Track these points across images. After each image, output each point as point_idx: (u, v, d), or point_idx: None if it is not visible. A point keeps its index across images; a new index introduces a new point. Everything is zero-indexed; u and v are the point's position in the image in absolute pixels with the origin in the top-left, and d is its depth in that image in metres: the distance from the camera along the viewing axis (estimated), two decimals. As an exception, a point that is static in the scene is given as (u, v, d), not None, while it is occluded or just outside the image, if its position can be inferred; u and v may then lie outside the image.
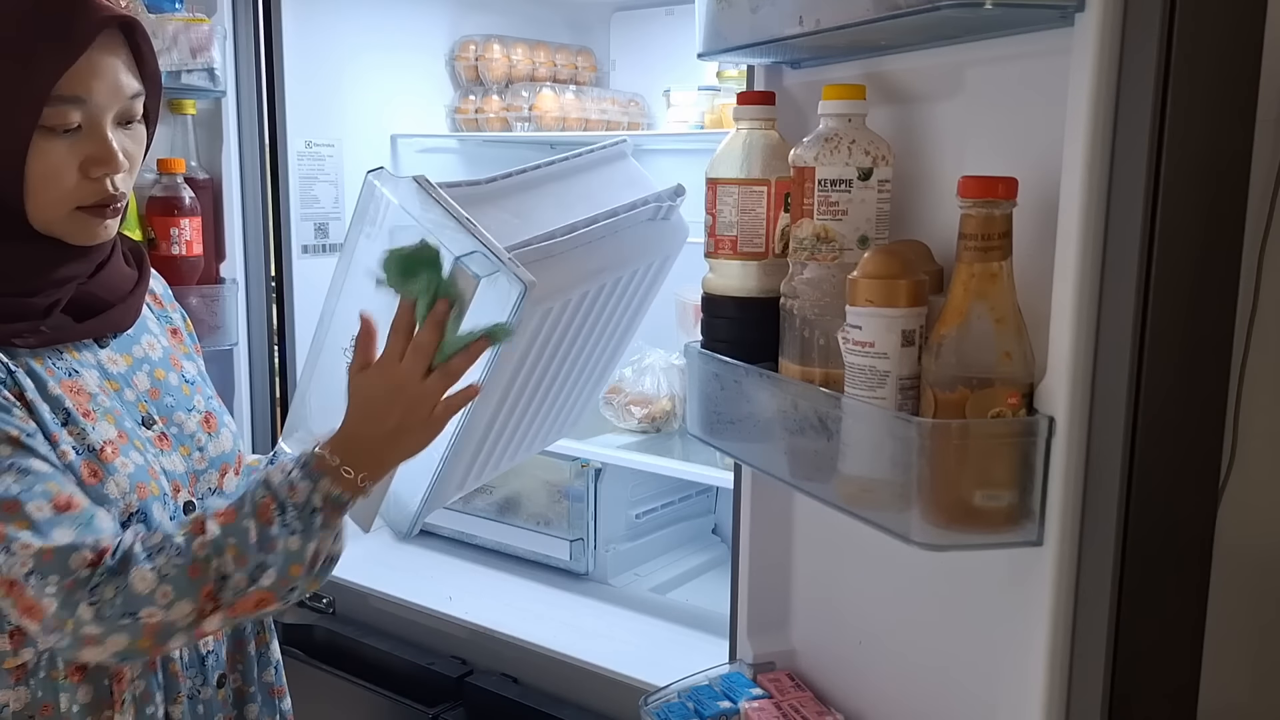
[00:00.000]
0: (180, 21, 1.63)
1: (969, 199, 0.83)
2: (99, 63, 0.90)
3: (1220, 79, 0.77)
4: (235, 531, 0.91)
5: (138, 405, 1.01)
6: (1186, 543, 0.84)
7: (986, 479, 0.85)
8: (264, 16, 1.78)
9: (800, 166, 0.99)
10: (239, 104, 1.78)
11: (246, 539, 0.91)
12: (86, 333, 0.99)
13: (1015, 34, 0.90)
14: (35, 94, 0.87)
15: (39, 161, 0.90)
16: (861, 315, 0.89)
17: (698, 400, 1.18)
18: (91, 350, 1.00)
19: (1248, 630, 1.09)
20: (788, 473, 1.03)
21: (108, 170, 0.93)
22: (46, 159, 0.90)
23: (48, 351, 0.95)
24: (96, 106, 0.91)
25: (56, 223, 0.93)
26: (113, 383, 1.00)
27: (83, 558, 0.87)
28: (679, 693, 1.25)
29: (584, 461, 1.88)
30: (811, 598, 1.28)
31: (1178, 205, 0.77)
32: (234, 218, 1.80)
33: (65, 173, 0.91)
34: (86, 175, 0.92)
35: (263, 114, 1.80)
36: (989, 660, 0.97)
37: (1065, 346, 0.82)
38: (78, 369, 0.97)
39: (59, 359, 0.96)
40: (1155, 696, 0.85)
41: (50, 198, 0.92)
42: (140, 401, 1.01)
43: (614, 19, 2.30)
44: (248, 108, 1.78)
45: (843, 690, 1.22)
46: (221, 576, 0.90)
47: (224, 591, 0.90)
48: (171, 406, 1.04)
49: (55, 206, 0.92)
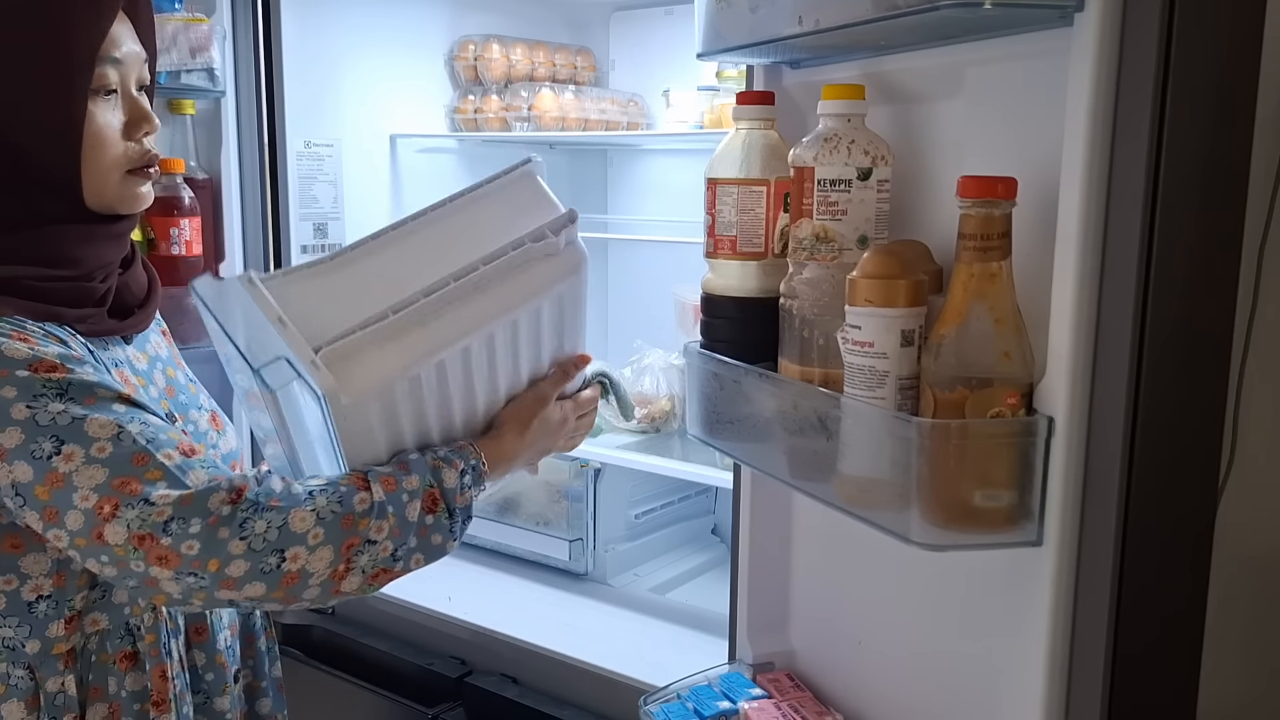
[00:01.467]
0: (180, 21, 1.63)
1: (968, 199, 0.83)
2: (120, 26, 0.93)
3: (1220, 78, 0.77)
4: (395, 504, 0.92)
5: (160, 403, 1.02)
6: (1186, 542, 0.84)
7: (986, 479, 0.85)
8: (263, 16, 1.78)
9: (799, 166, 0.99)
10: (238, 104, 1.78)
11: (405, 517, 0.92)
12: (125, 328, 1.00)
13: (1015, 34, 0.90)
14: (84, 56, 0.90)
15: (91, 127, 0.92)
16: (861, 315, 0.89)
17: (697, 400, 1.18)
18: (120, 346, 1.01)
19: (1248, 630, 1.09)
20: (787, 473, 1.03)
21: (149, 129, 0.96)
22: (96, 123, 0.92)
23: (96, 341, 0.97)
24: (127, 68, 0.94)
25: (110, 189, 0.95)
26: (140, 378, 1.01)
27: (221, 497, 0.86)
28: (678, 693, 1.25)
29: (583, 461, 1.88)
30: (811, 598, 1.28)
31: (1177, 205, 0.77)
32: (233, 218, 1.80)
33: (113, 136, 0.94)
34: (129, 137, 0.95)
35: (262, 114, 1.79)
36: (989, 660, 0.97)
37: (1065, 346, 0.82)
38: (119, 362, 0.99)
39: (104, 350, 0.97)
40: (1155, 696, 0.85)
41: (103, 164, 0.94)
42: (161, 399, 1.03)
43: (613, 19, 2.30)
44: (247, 108, 1.78)
45: (842, 690, 1.22)
46: (369, 540, 0.90)
47: (362, 555, 0.90)
48: (185, 404, 1.06)
49: (109, 172, 0.94)
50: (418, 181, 2.09)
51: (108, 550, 0.85)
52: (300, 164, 1.88)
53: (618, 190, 2.37)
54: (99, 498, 0.84)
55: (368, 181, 2.01)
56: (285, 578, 0.88)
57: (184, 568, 0.85)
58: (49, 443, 0.84)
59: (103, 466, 0.85)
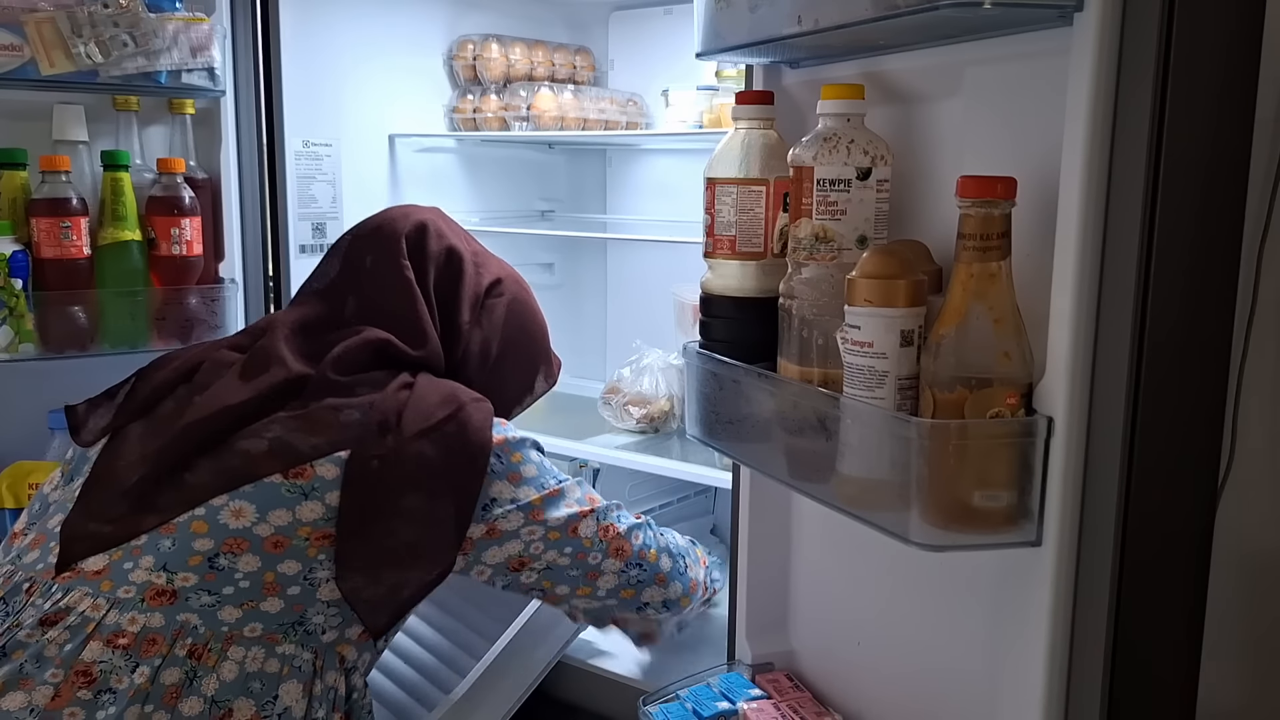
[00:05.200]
0: (180, 21, 1.62)
1: (968, 199, 0.83)
2: None
3: (1219, 79, 0.77)
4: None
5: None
6: (1185, 542, 0.84)
7: (985, 479, 0.85)
8: (262, 16, 1.77)
9: (799, 166, 0.99)
10: (238, 103, 1.78)
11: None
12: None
13: (1014, 34, 0.90)
14: None
15: None
16: (860, 315, 0.89)
17: (696, 400, 1.18)
18: None
19: (1247, 630, 1.09)
20: (786, 473, 1.03)
21: None
22: None
23: None
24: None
25: None
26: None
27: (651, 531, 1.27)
28: (678, 693, 1.25)
29: (582, 462, 1.87)
30: (810, 598, 1.28)
31: (1176, 205, 0.77)
32: (233, 217, 1.80)
33: None
34: None
35: (261, 114, 1.79)
36: (988, 660, 0.97)
37: (1064, 346, 0.82)
38: None
39: None
40: (1154, 696, 0.85)
41: None
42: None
43: (612, 18, 2.30)
44: (246, 107, 1.78)
45: (841, 690, 1.22)
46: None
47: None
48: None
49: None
50: (416, 181, 2.09)
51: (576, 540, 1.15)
52: (299, 164, 1.88)
53: (617, 190, 2.36)
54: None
55: (366, 181, 2.01)
56: (691, 584, 1.29)
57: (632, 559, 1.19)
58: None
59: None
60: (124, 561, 1.01)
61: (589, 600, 1.20)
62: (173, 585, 0.99)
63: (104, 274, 1.60)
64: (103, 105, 1.67)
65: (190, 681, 0.96)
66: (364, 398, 1.10)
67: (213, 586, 1.00)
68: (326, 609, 1.03)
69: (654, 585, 1.22)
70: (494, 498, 1.10)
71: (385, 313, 1.20)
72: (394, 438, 1.06)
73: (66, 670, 0.94)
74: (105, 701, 0.94)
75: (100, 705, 0.93)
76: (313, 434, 1.06)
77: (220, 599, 1.00)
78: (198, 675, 0.97)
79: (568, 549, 1.15)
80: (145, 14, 1.57)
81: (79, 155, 1.64)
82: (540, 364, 1.35)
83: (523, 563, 1.13)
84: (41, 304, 1.53)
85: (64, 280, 1.56)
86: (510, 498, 1.11)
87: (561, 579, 1.16)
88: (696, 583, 1.28)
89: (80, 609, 0.98)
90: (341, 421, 1.07)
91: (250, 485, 1.03)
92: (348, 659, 1.07)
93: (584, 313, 2.42)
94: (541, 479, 1.14)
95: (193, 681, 0.96)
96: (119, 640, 0.96)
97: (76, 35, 1.51)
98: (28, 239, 1.54)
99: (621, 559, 1.18)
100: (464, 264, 1.27)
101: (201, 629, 0.98)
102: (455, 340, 1.24)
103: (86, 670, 0.94)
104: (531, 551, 1.13)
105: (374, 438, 1.06)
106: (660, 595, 1.23)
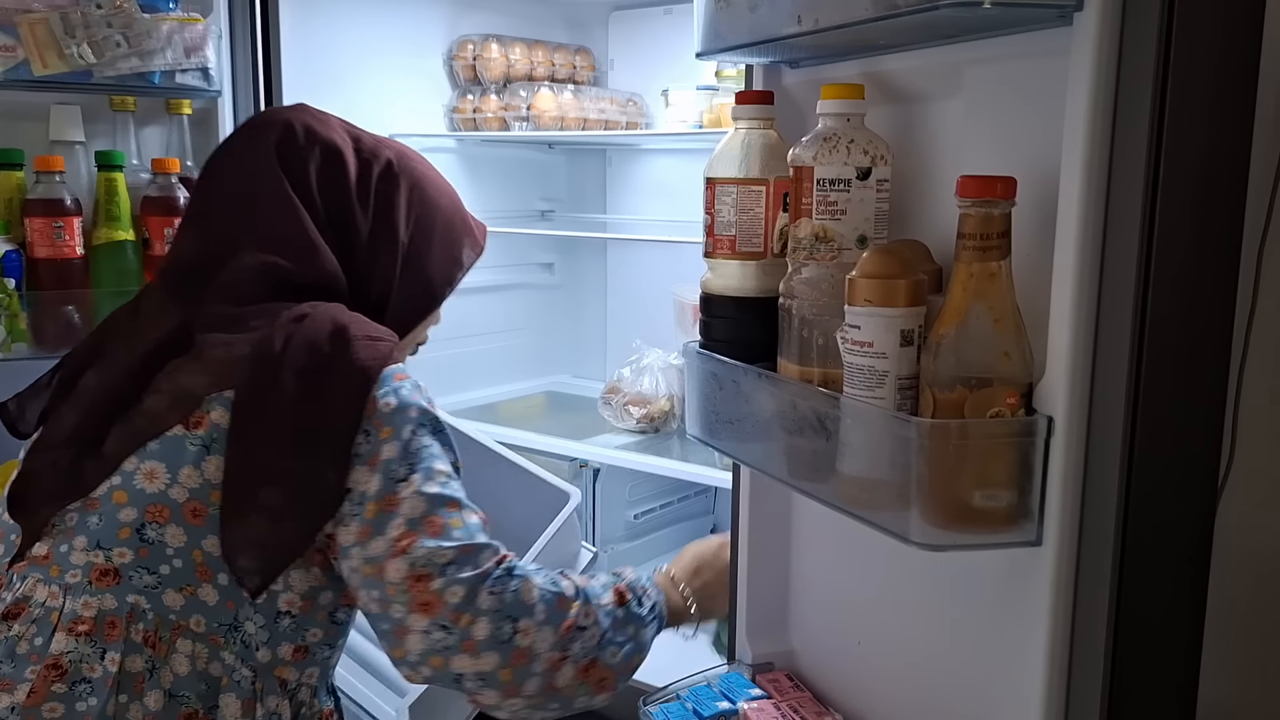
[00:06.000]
0: (175, 21, 1.62)
1: (967, 198, 0.83)
2: None
3: (1219, 79, 0.77)
4: (592, 593, 1.06)
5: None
6: (1186, 542, 0.84)
7: (985, 479, 0.85)
8: (262, 16, 1.77)
9: (799, 166, 0.99)
10: (235, 104, 1.78)
11: (602, 603, 1.06)
12: None
13: (1014, 33, 0.90)
14: None
15: None
16: (860, 315, 0.89)
17: (696, 400, 1.18)
18: None
19: (1247, 630, 1.09)
20: (786, 473, 1.03)
21: None
22: None
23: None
24: None
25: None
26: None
27: (491, 557, 1.00)
28: (678, 693, 1.24)
29: (582, 462, 1.88)
30: (810, 598, 1.28)
31: (1176, 205, 0.77)
32: (231, 218, 1.80)
33: None
34: None
35: (260, 114, 1.79)
36: (988, 660, 0.97)
37: (1064, 346, 0.82)
38: None
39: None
40: (1154, 696, 0.85)
41: None
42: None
43: (612, 18, 2.30)
44: (244, 108, 1.78)
45: (842, 690, 1.22)
46: (580, 626, 1.02)
47: (576, 643, 1.01)
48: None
49: None
50: (416, 181, 2.09)
51: (381, 585, 0.97)
52: (299, 164, 1.88)
53: (617, 190, 2.37)
54: (405, 529, 0.97)
55: (366, 181, 2.01)
56: (515, 653, 0.98)
57: (443, 616, 0.96)
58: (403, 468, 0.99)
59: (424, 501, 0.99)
60: (60, 544, 0.99)
61: (408, 668, 0.99)
62: (112, 563, 0.97)
63: (98, 274, 1.61)
64: (100, 106, 1.67)
65: (150, 673, 0.96)
66: (255, 332, 1.01)
67: (149, 564, 0.97)
68: (254, 614, 1.00)
69: (464, 655, 0.97)
70: (350, 488, 0.98)
71: (266, 234, 1.08)
72: (275, 377, 0.98)
73: (41, 665, 0.93)
74: (83, 692, 0.93)
75: (78, 696, 0.93)
76: (202, 373, 1.01)
77: (160, 579, 0.97)
78: (156, 666, 0.96)
79: (375, 591, 0.97)
80: (139, 14, 1.57)
81: (75, 156, 1.64)
82: (460, 236, 1.23)
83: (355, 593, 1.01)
84: (35, 303, 1.54)
85: (58, 280, 1.56)
86: (361, 490, 0.98)
87: (378, 626, 1.00)
88: (539, 653, 1.00)
89: (39, 599, 0.97)
90: (231, 357, 1.00)
91: (155, 441, 0.99)
92: (289, 680, 1.04)
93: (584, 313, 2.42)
94: (393, 466, 0.98)
95: (152, 673, 0.96)
96: (79, 627, 0.95)
97: (69, 36, 1.52)
98: (23, 239, 1.55)
99: (426, 616, 0.96)
100: (345, 158, 1.13)
101: (150, 614, 0.97)
102: (355, 244, 1.13)
103: (56, 663, 0.93)
104: (352, 583, 0.99)
105: (258, 376, 0.99)
106: (479, 666, 0.97)
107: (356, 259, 1.13)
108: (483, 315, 2.26)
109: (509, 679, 0.98)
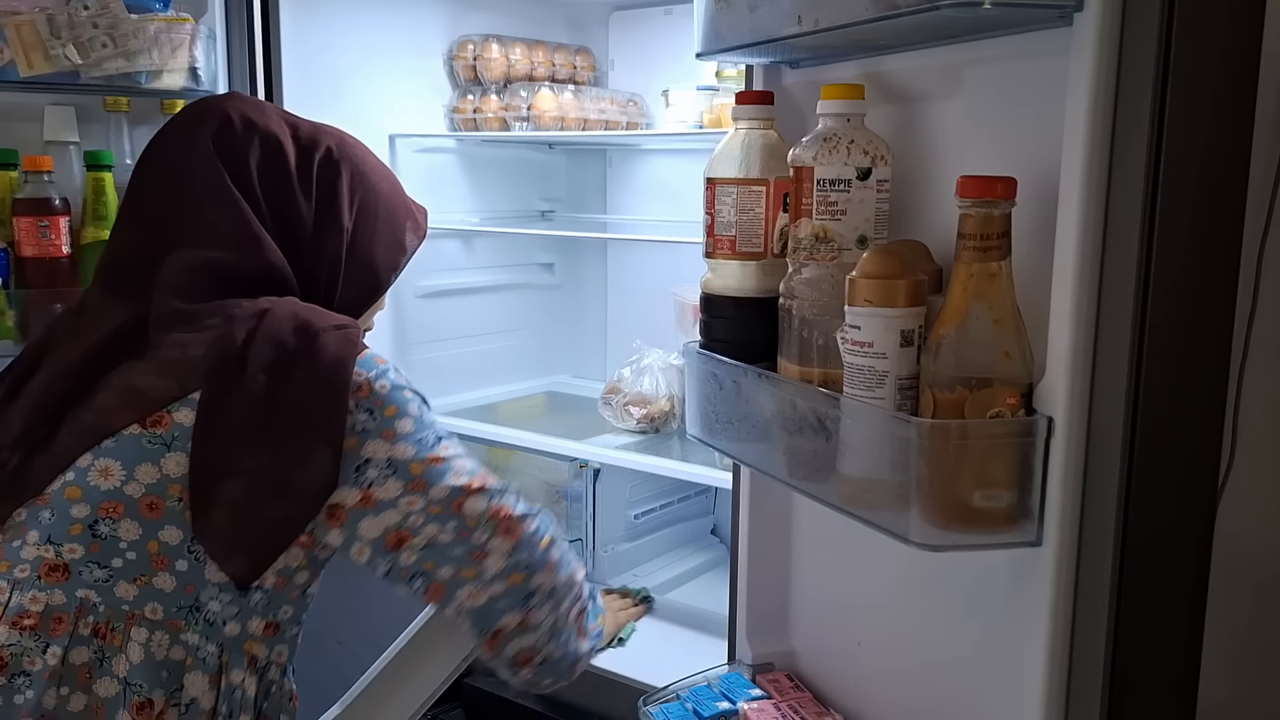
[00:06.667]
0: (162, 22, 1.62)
1: (968, 199, 0.83)
2: None
3: (1219, 79, 0.77)
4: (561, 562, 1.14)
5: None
6: (1186, 542, 0.84)
7: (985, 479, 0.85)
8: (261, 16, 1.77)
9: (799, 166, 0.99)
10: (234, 103, 1.77)
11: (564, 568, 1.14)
12: None
13: (1014, 34, 0.90)
14: None
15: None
16: (860, 315, 0.89)
17: (696, 400, 1.18)
18: None
19: (1247, 629, 1.09)
20: (786, 473, 1.03)
21: None
22: None
23: None
24: None
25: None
26: None
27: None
28: (678, 693, 1.25)
29: (582, 462, 1.88)
30: (811, 598, 1.28)
31: (1177, 205, 0.77)
32: (231, 218, 1.80)
33: None
34: None
35: (258, 114, 1.79)
36: (988, 660, 0.97)
37: (1064, 346, 0.82)
38: None
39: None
40: (1154, 696, 0.85)
41: None
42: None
43: (612, 18, 2.30)
44: (243, 107, 1.78)
45: (842, 690, 1.22)
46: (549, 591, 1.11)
47: (584, 585, 1.14)
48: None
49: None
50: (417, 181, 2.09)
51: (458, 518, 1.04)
52: (299, 164, 1.88)
53: (617, 190, 2.36)
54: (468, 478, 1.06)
55: (366, 181, 2.01)
56: (567, 579, 1.12)
57: (524, 542, 1.07)
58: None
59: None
60: (12, 540, 0.99)
61: (474, 586, 1.06)
62: (62, 559, 0.97)
63: (86, 272, 1.61)
64: (95, 106, 1.67)
65: (100, 662, 0.95)
66: (213, 331, 1.01)
67: (101, 558, 0.97)
68: (219, 593, 0.99)
69: (544, 571, 1.09)
70: (368, 458, 1.01)
71: (207, 229, 1.07)
72: (241, 375, 0.98)
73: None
74: (21, 685, 0.92)
75: (16, 689, 0.92)
76: (161, 376, 1.00)
77: (112, 573, 0.97)
78: (106, 655, 0.95)
79: (450, 524, 1.04)
80: (125, 15, 1.57)
81: (69, 156, 1.64)
82: (402, 219, 1.22)
83: (401, 539, 1.03)
84: (22, 302, 1.54)
85: (44, 279, 1.57)
86: (386, 458, 1.01)
87: (444, 558, 1.04)
88: (576, 580, 1.15)
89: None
90: (190, 358, 1.00)
91: (110, 440, 0.98)
92: (259, 657, 1.04)
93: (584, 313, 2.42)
94: (419, 434, 1.04)
95: (102, 662, 0.95)
96: (24, 621, 0.95)
97: (55, 37, 1.52)
98: (12, 238, 1.55)
99: (510, 540, 1.06)
100: (284, 147, 1.12)
101: (101, 607, 0.96)
102: (299, 233, 1.12)
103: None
104: (410, 524, 1.03)
105: (225, 376, 0.98)
106: (550, 581, 1.10)
107: (301, 248, 1.12)
108: (483, 315, 2.26)
109: (562, 603, 1.11)
